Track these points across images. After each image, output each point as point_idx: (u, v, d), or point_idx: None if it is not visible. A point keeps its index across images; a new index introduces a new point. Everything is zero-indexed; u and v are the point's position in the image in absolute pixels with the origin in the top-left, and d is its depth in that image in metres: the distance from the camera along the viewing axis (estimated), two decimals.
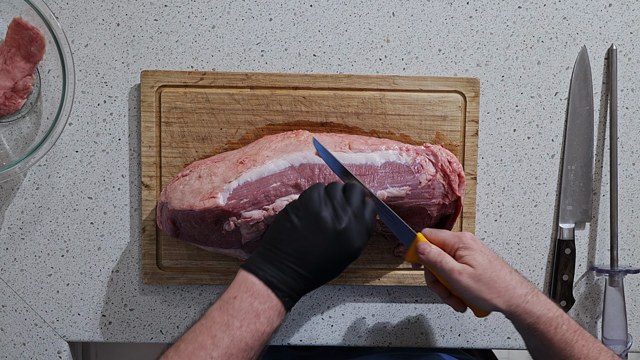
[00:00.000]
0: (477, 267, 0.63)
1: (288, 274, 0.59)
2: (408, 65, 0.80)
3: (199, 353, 0.55)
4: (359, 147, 0.72)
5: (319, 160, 0.69)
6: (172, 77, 0.76)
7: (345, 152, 0.71)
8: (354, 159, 0.71)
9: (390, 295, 0.81)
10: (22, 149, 0.76)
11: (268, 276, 0.59)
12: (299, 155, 0.70)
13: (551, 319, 0.63)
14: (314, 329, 0.81)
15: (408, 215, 0.73)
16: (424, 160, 0.72)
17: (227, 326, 0.56)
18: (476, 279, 0.63)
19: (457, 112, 0.77)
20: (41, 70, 0.76)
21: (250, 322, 0.57)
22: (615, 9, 0.81)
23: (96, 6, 0.77)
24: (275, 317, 0.59)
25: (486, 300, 0.63)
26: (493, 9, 0.80)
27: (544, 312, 0.63)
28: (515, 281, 0.64)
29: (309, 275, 0.60)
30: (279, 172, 0.69)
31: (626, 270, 0.79)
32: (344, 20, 0.79)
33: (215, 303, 0.59)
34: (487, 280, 0.63)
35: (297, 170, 0.69)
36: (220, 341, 0.56)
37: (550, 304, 0.64)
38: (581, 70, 0.80)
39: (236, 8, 0.78)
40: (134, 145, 0.78)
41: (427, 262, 0.65)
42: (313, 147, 0.70)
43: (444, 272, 0.63)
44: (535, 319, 0.63)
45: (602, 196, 0.82)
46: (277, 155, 0.70)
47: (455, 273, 0.63)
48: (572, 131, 0.81)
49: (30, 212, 0.78)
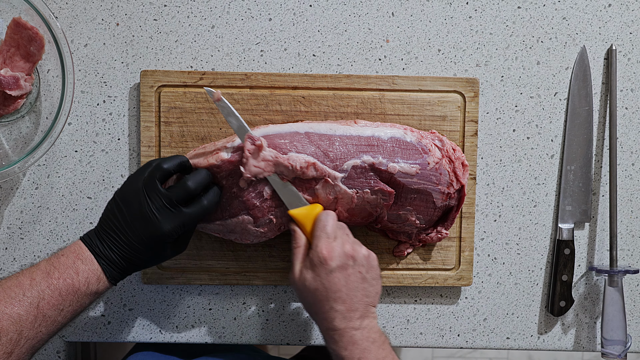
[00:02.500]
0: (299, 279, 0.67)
1: (109, 248, 0.64)
2: (407, 66, 0.80)
3: (15, 289, 0.61)
4: (365, 123, 0.73)
5: (325, 130, 0.70)
6: (172, 77, 0.76)
7: (351, 126, 0.71)
8: (360, 131, 0.71)
9: (390, 296, 0.81)
10: (21, 149, 0.76)
11: (94, 246, 0.64)
12: (304, 125, 0.71)
13: None
14: (314, 329, 0.81)
15: (413, 199, 0.72)
16: (431, 144, 0.72)
17: (48, 274, 0.62)
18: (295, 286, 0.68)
19: (457, 112, 0.77)
20: (40, 70, 0.76)
21: (68, 277, 0.62)
22: (615, 9, 0.81)
23: (95, 6, 0.77)
24: (93, 280, 0.63)
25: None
26: (492, 9, 0.80)
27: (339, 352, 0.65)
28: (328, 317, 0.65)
29: (126, 253, 0.64)
30: (285, 133, 0.69)
31: (625, 271, 0.79)
32: (343, 20, 0.79)
33: (41, 261, 0.65)
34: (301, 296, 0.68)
35: (302, 136, 0.69)
36: (37, 284, 0.61)
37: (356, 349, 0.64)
38: (581, 71, 0.80)
39: (235, 8, 0.78)
40: (133, 145, 0.78)
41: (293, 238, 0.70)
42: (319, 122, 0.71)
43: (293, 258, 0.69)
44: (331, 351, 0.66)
45: (602, 196, 0.82)
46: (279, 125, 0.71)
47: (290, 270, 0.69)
48: (572, 131, 0.81)
49: (29, 211, 0.78)
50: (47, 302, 0.61)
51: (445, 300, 0.82)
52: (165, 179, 0.66)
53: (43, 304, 0.61)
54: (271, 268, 0.78)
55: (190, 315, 0.80)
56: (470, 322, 0.82)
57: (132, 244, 0.64)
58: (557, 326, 0.83)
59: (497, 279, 0.82)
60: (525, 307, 0.83)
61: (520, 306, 0.83)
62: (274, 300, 0.80)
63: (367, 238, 0.78)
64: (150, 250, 0.65)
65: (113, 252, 0.64)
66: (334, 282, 0.65)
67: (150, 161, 0.67)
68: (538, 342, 0.83)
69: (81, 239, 0.66)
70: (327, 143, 0.69)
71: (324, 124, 0.71)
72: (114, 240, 0.64)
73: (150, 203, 0.63)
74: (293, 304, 0.81)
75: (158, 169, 0.65)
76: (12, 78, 0.72)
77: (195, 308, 0.80)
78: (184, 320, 0.80)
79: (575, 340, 0.83)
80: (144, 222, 0.63)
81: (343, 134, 0.70)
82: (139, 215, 0.63)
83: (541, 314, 0.83)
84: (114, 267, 0.64)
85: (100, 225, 0.65)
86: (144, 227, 0.63)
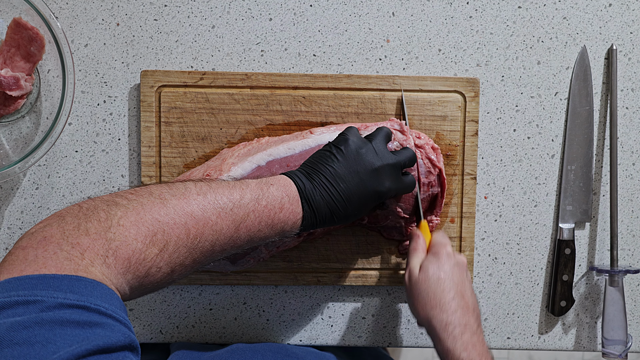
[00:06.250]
0: (421, 272, 0.68)
1: (318, 191, 0.61)
2: (408, 65, 0.80)
3: (224, 199, 0.55)
4: (321, 131, 0.72)
5: (285, 153, 0.70)
6: (172, 77, 0.75)
7: (307, 138, 0.71)
8: (318, 140, 0.71)
9: (390, 296, 0.81)
10: (21, 149, 0.76)
11: (304, 188, 0.61)
12: (264, 154, 0.70)
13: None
14: (314, 329, 0.81)
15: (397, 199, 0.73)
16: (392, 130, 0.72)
17: (257, 200, 0.57)
18: (413, 281, 0.68)
19: (457, 112, 0.77)
20: (41, 70, 0.76)
21: (272, 210, 0.58)
22: (615, 9, 0.80)
23: (96, 6, 0.77)
24: (290, 223, 0.60)
25: (410, 303, 0.69)
26: (493, 9, 0.79)
27: (459, 352, 0.63)
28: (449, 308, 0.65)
29: (336, 202, 0.62)
30: (247, 174, 0.69)
31: (626, 271, 0.79)
32: (343, 20, 0.79)
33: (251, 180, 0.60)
34: (420, 290, 0.67)
35: (264, 168, 0.69)
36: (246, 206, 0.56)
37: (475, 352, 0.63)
38: (581, 70, 0.80)
39: (236, 8, 0.78)
40: (133, 145, 0.78)
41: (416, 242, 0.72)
42: (277, 146, 0.71)
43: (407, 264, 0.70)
44: (446, 353, 0.64)
45: (602, 196, 0.82)
46: (241, 160, 0.70)
47: (406, 270, 0.70)
48: (572, 131, 0.81)
49: (29, 212, 0.78)
50: (245, 226, 0.56)
51: None
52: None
53: (242, 227, 0.56)
54: (271, 268, 0.78)
55: (190, 315, 0.80)
56: None
57: (347, 194, 0.62)
58: (558, 326, 0.83)
59: (498, 278, 0.82)
60: (525, 307, 0.83)
61: (521, 306, 0.83)
62: (274, 300, 0.80)
63: (367, 238, 0.78)
64: (359, 204, 0.64)
65: (323, 199, 0.61)
66: (459, 274, 0.67)
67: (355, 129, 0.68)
68: (539, 342, 0.83)
69: (287, 175, 0.62)
70: (291, 166, 0.69)
71: (281, 145, 0.71)
72: (328, 187, 0.62)
73: (381, 160, 0.65)
74: (293, 304, 0.81)
75: (389, 134, 0.69)
76: (13, 78, 0.72)
77: (196, 308, 0.80)
78: (185, 320, 0.80)
79: (575, 340, 0.83)
80: (368, 176, 0.64)
81: (302, 149, 0.70)
82: (366, 168, 0.64)
83: (542, 313, 0.83)
84: (314, 214, 0.61)
85: (312, 170, 0.63)
86: (367, 179, 0.64)
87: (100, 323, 0.41)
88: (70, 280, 0.42)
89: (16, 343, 0.37)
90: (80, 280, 0.43)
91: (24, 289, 0.40)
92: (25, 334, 0.38)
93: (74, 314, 0.40)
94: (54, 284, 0.41)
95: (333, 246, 0.78)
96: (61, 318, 0.39)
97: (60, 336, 0.38)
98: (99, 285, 0.43)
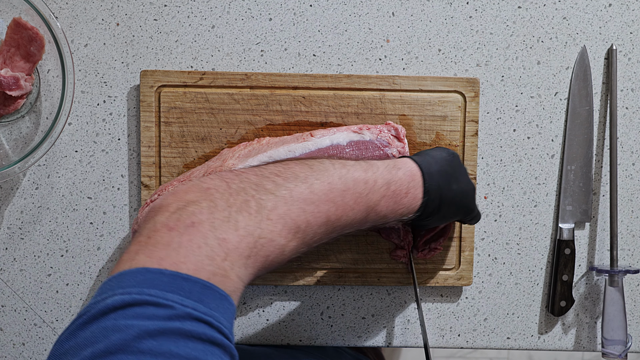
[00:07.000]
0: None
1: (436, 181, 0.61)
2: (408, 65, 0.80)
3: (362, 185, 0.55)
4: (321, 133, 0.72)
5: (285, 155, 0.70)
6: (172, 77, 0.75)
7: (308, 141, 0.71)
8: (318, 143, 0.71)
9: (390, 295, 0.81)
10: (21, 149, 0.76)
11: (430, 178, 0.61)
12: (264, 156, 0.70)
13: None
14: (314, 329, 0.81)
15: None
16: (388, 135, 0.73)
17: (387, 184, 0.57)
18: None
19: (457, 112, 0.77)
20: (41, 70, 0.76)
21: (398, 194, 0.58)
22: (615, 9, 0.80)
23: (96, 6, 0.77)
24: (407, 211, 0.60)
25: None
26: (493, 9, 0.79)
27: None
28: None
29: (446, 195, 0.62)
30: None
31: (626, 271, 0.79)
32: (343, 20, 0.79)
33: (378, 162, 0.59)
34: None
35: None
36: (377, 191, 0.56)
37: None
38: (581, 71, 0.80)
39: (236, 8, 0.78)
40: (133, 145, 0.78)
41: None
42: (277, 148, 0.71)
43: None
44: None
45: (602, 196, 0.82)
46: (242, 161, 0.70)
47: None
48: (572, 131, 0.81)
49: (29, 212, 0.78)
50: (375, 210, 0.56)
51: (445, 300, 0.82)
52: None
53: (372, 211, 0.56)
54: None
55: None
56: (470, 322, 0.82)
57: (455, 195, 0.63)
58: (558, 326, 0.83)
59: (498, 278, 0.82)
60: (525, 307, 0.83)
61: (521, 306, 0.83)
62: (274, 300, 0.80)
63: (367, 238, 0.78)
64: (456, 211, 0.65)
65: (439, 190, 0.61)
66: None
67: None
68: (538, 342, 0.83)
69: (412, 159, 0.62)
70: None
71: (282, 147, 0.71)
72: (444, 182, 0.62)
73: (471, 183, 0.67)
74: (293, 304, 0.81)
75: None
76: (12, 78, 0.72)
77: None
78: None
79: (575, 340, 0.83)
80: (471, 191, 0.66)
81: (302, 152, 0.70)
82: (468, 184, 0.66)
83: (541, 314, 0.83)
84: (427, 209, 0.61)
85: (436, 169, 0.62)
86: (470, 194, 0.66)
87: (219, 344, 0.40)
88: (203, 287, 0.41)
89: (141, 352, 0.37)
90: (211, 290, 0.42)
91: (157, 288, 0.40)
92: (150, 343, 0.37)
93: (198, 328, 0.39)
94: (186, 288, 0.40)
95: (333, 246, 0.78)
96: (186, 331, 0.39)
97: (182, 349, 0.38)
98: (225, 300, 0.42)
